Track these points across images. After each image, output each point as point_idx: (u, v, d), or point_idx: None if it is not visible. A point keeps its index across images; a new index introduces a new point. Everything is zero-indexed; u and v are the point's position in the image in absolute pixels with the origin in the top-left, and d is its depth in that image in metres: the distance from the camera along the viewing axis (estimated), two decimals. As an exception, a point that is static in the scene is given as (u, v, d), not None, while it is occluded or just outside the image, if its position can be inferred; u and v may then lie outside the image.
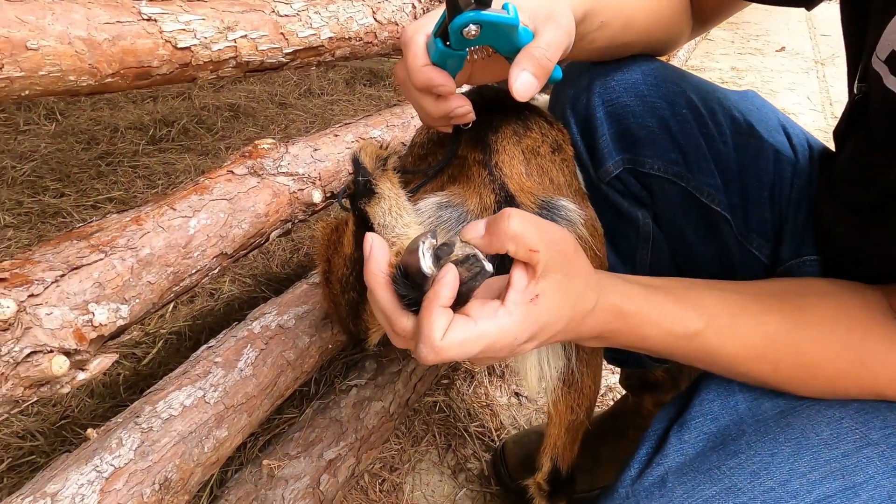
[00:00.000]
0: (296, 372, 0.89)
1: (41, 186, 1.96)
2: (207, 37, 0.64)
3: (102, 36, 0.53)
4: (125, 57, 0.56)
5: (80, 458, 0.65)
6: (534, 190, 0.67)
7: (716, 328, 0.59)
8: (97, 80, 0.54)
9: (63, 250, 0.59)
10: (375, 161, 0.64)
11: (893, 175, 0.58)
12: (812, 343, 0.58)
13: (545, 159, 0.73)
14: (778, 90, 3.77)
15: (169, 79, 0.62)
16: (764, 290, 0.64)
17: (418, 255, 0.44)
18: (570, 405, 0.80)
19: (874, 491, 0.51)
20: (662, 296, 0.59)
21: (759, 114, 0.82)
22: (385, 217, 0.59)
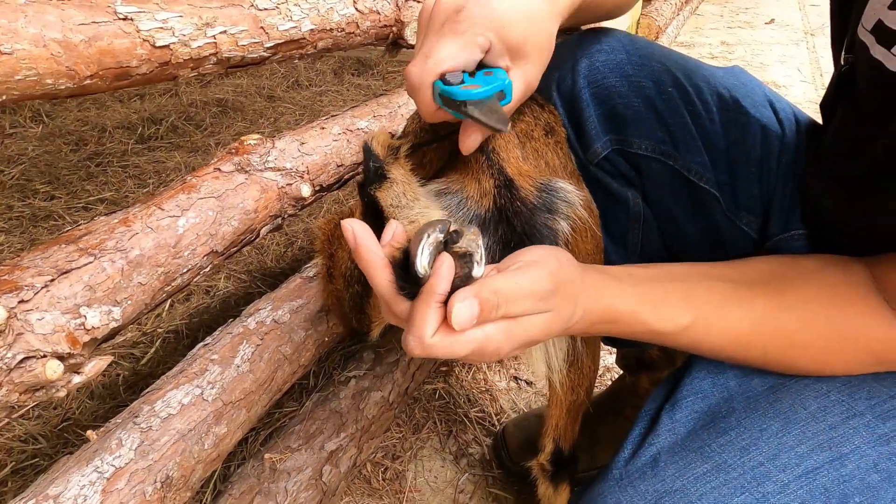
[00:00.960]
0: (293, 366, 0.89)
1: (31, 190, 1.95)
2: (186, 34, 0.63)
3: (78, 37, 0.53)
4: (103, 58, 0.55)
5: (81, 459, 0.66)
6: (531, 173, 0.67)
7: (704, 321, 0.59)
8: (76, 82, 0.54)
9: (52, 255, 0.59)
10: (387, 150, 0.63)
11: (880, 146, 0.58)
12: (798, 324, 0.59)
13: (539, 142, 0.72)
14: (768, 63, 3.76)
15: (149, 78, 0.62)
16: (750, 275, 0.65)
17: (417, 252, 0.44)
18: (570, 385, 0.81)
19: (860, 460, 0.51)
20: (653, 292, 0.59)
21: (746, 89, 0.82)
22: (399, 199, 0.59)
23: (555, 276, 0.50)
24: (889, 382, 0.58)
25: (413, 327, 0.45)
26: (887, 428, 0.54)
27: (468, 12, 0.53)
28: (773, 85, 3.35)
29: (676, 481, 0.55)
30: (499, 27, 0.54)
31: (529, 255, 0.53)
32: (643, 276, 0.61)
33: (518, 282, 0.48)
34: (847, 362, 0.59)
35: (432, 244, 0.44)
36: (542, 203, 0.62)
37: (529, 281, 0.48)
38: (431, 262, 0.44)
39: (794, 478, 0.52)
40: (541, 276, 0.49)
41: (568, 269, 0.53)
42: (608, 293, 0.57)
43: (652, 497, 0.55)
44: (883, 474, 0.51)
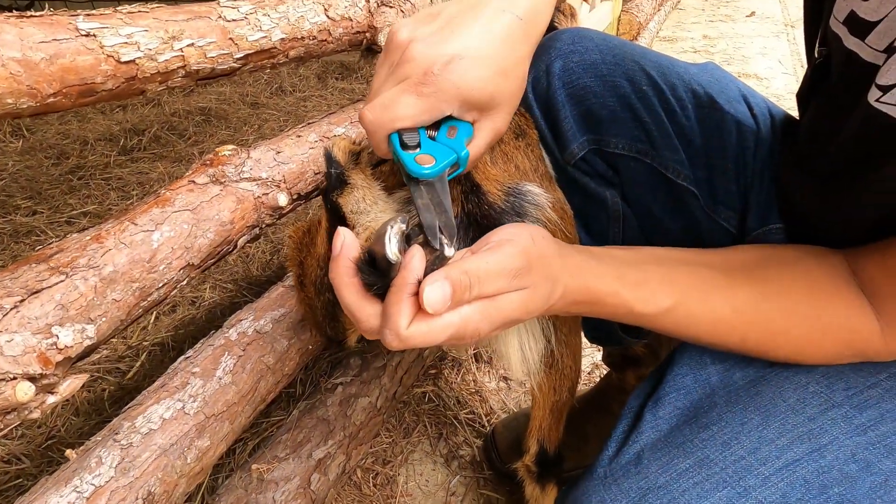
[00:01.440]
0: (276, 376, 0.89)
1: (12, 206, 1.94)
2: (152, 48, 0.62)
3: (39, 55, 0.52)
4: (66, 75, 0.55)
5: (60, 480, 0.65)
6: (499, 177, 0.67)
7: (685, 305, 0.59)
8: (38, 101, 0.53)
9: (21, 275, 0.58)
10: (348, 155, 0.63)
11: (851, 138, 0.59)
12: (777, 314, 0.59)
13: (509, 146, 0.73)
14: (750, 56, 3.78)
15: (116, 94, 0.61)
16: (732, 263, 0.65)
17: (384, 241, 0.44)
18: (552, 386, 0.81)
19: (839, 451, 0.52)
20: (635, 274, 0.59)
21: (720, 85, 0.82)
22: (358, 204, 0.59)
23: (527, 252, 0.50)
24: (866, 373, 0.58)
25: (388, 321, 0.45)
26: (864, 418, 0.54)
27: (436, 79, 0.52)
28: (755, 77, 3.37)
29: (660, 478, 0.55)
30: (466, 97, 0.53)
31: (502, 233, 0.53)
32: (625, 257, 0.61)
33: (489, 260, 0.47)
34: (825, 352, 0.59)
35: (398, 233, 0.44)
36: (509, 207, 0.62)
37: (501, 259, 0.48)
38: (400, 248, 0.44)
39: (775, 470, 0.52)
40: (512, 254, 0.49)
41: (543, 245, 0.53)
42: (589, 273, 0.56)
43: (636, 494, 0.55)
44: (861, 464, 0.51)
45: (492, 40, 0.54)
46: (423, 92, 0.52)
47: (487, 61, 0.54)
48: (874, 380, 0.57)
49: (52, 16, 0.56)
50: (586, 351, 1.51)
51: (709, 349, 0.66)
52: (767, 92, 3.19)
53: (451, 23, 0.54)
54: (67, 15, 0.57)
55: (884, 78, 0.49)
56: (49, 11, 0.57)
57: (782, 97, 3.10)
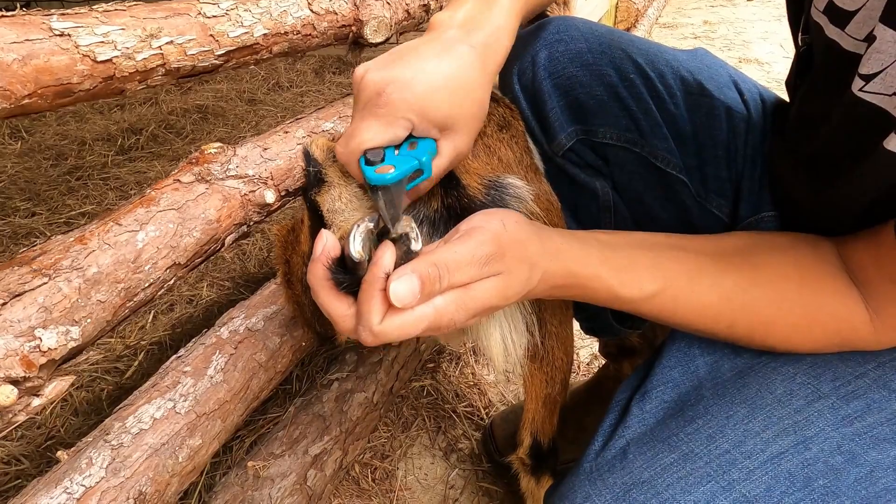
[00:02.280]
0: (269, 373, 0.89)
1: (11, 207, 1.94)
2: (129, 47, 0.62)
3: (11, 56, 0.52)
4: (40, 76, 0.54)
5: (50, 481, 0.65)
6: (480, 170, 0.67)
7: (672, 291, 0.59)
8: (12, 102, 0.53)
9: (3, 278, 0.58)
10: (326, 153, 0.63)
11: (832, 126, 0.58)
12: (766, 301, 0.58)
13: (492, 138, 0.72)
14: (751, 40, 3.74)
15: (94, 94, 0.61)
16: (722, 249, 0.64)
17: (349, 240, 0.44)
18: (543, 379, 0.81)
19: (824, 443, 0.51)
20: (619, 258, 0.58)
21: (710, 72, 0.81)
22: (334, 203, 0.59)
23: (498, 237, 0.50)
24: (854, 363, 0.57)
25: (361, 318, 0.45)
26: (851, 409, 0.54)
27: (388, 97, 0.52)
28: (756, 62, 3.33)
29: (644, 472, 0.55)
30: (420, 110, 0.53)
31: (472, 221, 0.52)
32: (611, 241, 0.61)
33: (458, 250, 0.47)
34: (814, 341, 0.58)
35: (362, 232, 0.45)
36: (490, 200, 0.61)
37: (471, 246, 0.48)
38: (365, 247, 0.45)
39: (760, 464, 0.52)
40: (482, 241, 0.49)
41: (515, 229, 0.52)
42: (570, 256, 0.56)
43: (620, 489, 0.55)
44: (846, 455, 0.50)
45: (445, 66, 0.55)
46: (378, 113, 0.53)
47: (440, 81, 0.54)
48: (862, 370, 0.56)
49: (25, 15, 0.55)
50: (586, 341, 1.50)
51: (697, 341, 0.65)
52: (768, 77, 3.16)
53: (404, 53, 0.55)
54: (41, 14, 0.56)
55: (865, 67, 0.49)
56: (22, 11, 0.56)
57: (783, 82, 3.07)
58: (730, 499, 0.51)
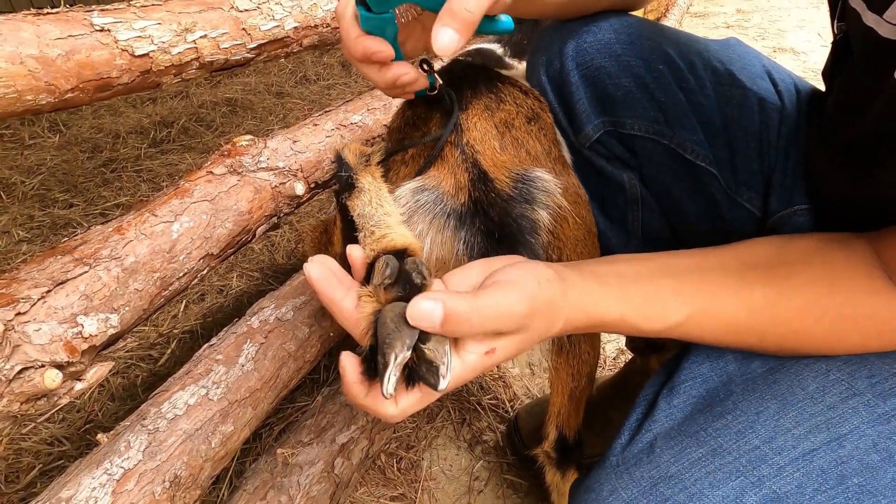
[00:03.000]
0: (298, 362, 0.90)
1: (50, 199, 2.00)
2: (165, 41, 0.63)
3: (55, 52, 0.54)
4: (82, 70, 0.56)
5: (92, 462, 0.67)
6: (508, 164, 0.67)
7: (696, 317, 0.58)
8: (56, 96, 0.55)
9: (48, 266, 0.61)
10: (359, 157, 0.64)
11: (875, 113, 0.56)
12: (797, 311, 0.57)
13: (520, 131, 0.72)
14: (786, 29, 3.63)
15: (131, 87, 0.62)
16: (748, 261, 0.63)
17: (384, 378, 0.43)
18: (570, 373, 0.81)
19: (859, 441, 0.50)
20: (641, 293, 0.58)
21: (742, 62, 0.79)
22: (365, 208, 0.60)
23: (533, 299, 0.49)
24: (891, 359, 0.56)
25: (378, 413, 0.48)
26: (888, 406, 0.52)
27: None
28: (791, 52, 3.24)
29: (671, 467, 0.54)
30: None
31: (507, 273, 0.51)
32: (633, 273, 0.60)
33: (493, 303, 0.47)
34: (850, 343, 0.57)
35: (399, 366, 0.44)
36: (518, 194, 0.61)
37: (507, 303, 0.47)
38: (397, 384, 0.44)
39: (791, 460, 0.51)
40: (517, 301, 0.48)
41: (549, 291, 0.52)
42: (591, 301, 0.55)
43: (647, 483, 0.55)
44: (883, 454, 0.49)
45: None
46: None
47: None
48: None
49: (68, 12, 0.57)
50: (611, 336, 1.49)
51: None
52: (804, 67, 3.06)
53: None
54: (82, 11, 0.58)
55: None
56: (66, 8, 0.58)
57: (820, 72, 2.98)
58: (759, 495, 0.50)
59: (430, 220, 0.63)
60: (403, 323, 0.44)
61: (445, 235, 0.62)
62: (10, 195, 2.04)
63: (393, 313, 0.45)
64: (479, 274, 0.53)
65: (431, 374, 0.45)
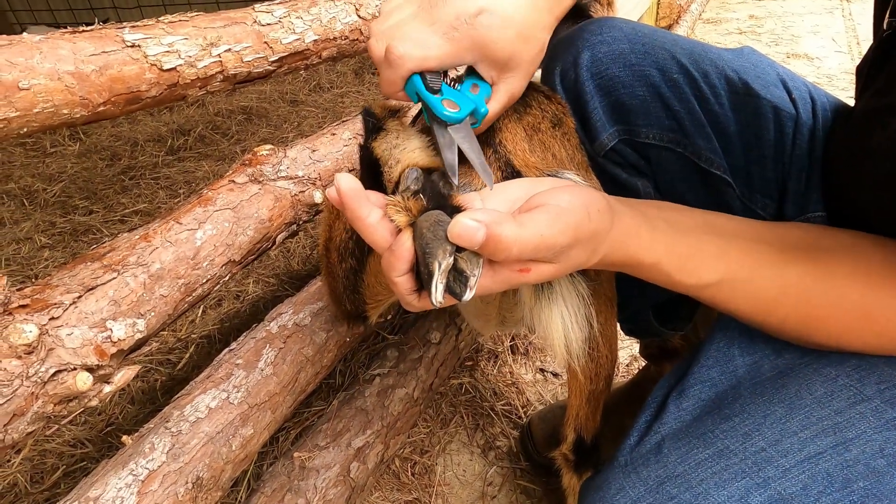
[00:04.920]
0: (315, 367, 0.92)
1: (71, 206, 2.05)
2: (192, 55, 0.66)
3: (90, 68, 0.56)
4: (114, 85, 0.58)
5: (118, 463, 0.69)
6: (538, 165, 0.68)
7: (731, 282, 0.58)
8: (90, 110, 0.57)
9: (78, 273, 0.63)
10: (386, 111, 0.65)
11: None
12: (825, 298, 0.57)
13: (546, 135, 0.73)
14: (800, 35, 3.62)
15: (159, 100, 0.65)
16: (788, 239, 0.62)
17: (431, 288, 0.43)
18: (588, 375, 0.81)
19: (865, 445, 0.51)
20: (685, 245, 0.58)
21: (756, 70, 0.80)
22: (391, 142, 0.59)
23: (578, 229, 0.48)
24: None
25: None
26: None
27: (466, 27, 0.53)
28: (805, 58, 3.23)
29: (678, 467, 0.55)
30: (488, 50, 0.55)
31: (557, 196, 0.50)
32: (680, 222, 0.60)
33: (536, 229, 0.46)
34: (865, 342, 0.57)
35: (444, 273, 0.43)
36: None
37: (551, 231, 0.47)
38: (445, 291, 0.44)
39: (796, 463, 0.52)
40: (562, 229, 0.47)
41: (598, 221, 0.51)
42: (635, 243, 0.55)
43: (654, 482, 0.55)
44: (889, 459, 0.50)
45: (519, 2, 0.55)
46: (452, 36, 0.53)
47: (512, 21, 0.55)
48: None
49: (102, 29, 0.59)
50: (625, 343, 1.49)
51: (737, 341, 0.65)
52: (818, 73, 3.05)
53: None
54: (115, 28, 0.60)
55: None
56: (99, 25, 0.60)
57: (835, 77, 2.96)
58: (764, 496, 0.50)
59: None
60: (441, 229, 0.44)
61: None
62: (33, 202, 2.09)
63: (428, 222, 0.44)
64: (522, 191, 0.53)
65: (459, 284, 0.44)
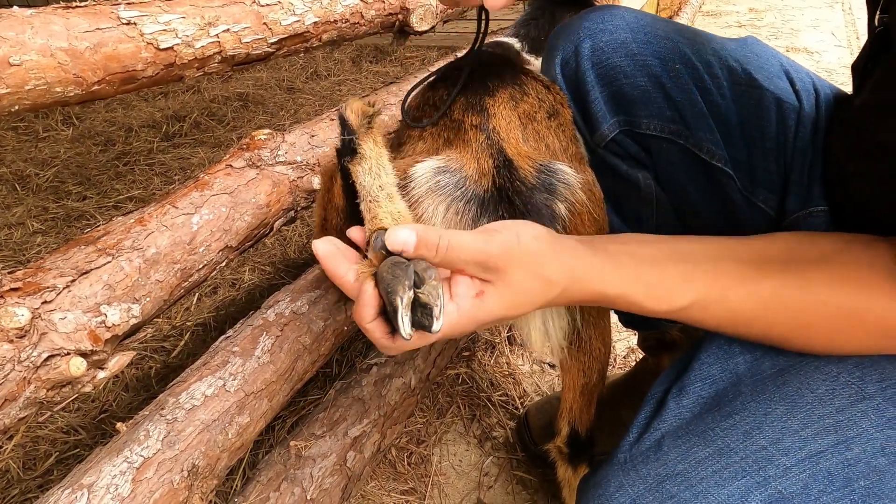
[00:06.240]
0: (313, 355, 0.91)
1: (64, 191, 2.02)
2: (189, 35, 0.64)
3: (84, 45, 0.54)
4: (109, 63, 0.57)
5: (112, 450, 0.68)
6: (531, 154, 0.67)
7: (702, 302, 0.58)
8: (84, 88, 0.56)
9: (72, 256, 0.61)
10: (361, 118, 0.64)
11: None
12: (807, 306, 0.57)
13: (541, 125, 0.72)
14: (799, 28, 3.61)
15: (155, 80, 0.63)
16: (765, 252, 0.62)
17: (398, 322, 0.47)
18: (581, 369, 0.81)
19: (866, 444, 0.50)
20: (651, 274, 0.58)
21: (759, 61, 0.79)
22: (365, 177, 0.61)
23: (506, 249, 0.51)
24: None
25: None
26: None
27: None
28: (805, 51, 3.22)
29: (678, 465, 0.55)
30: None
31: (493, 224, 0.54)
32: (645, 255, 0.60)
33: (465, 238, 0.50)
34: (859, 342, 0.57)
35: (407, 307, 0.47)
36: (540, 183, 0.62)
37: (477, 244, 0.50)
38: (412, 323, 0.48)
39: (797, 461, 0.51)
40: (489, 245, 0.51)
41: (529, 244, 0.53)
42: (598, 278, 0.56)
43: (653, 480, 0.55)
44: (890, 458, 0.49)
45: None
46: None
47: None
48: None
49: (96, 5, 0.58)
50: (623, 335, 1.49)
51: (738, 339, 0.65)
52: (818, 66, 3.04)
53: None
54: (110, 4, 0.58)
55: None
56: (93, 1, 0.59)
57: (834, 71, 2.95)
58: (764, 495, 0.50)
59: (447, 204, 0.64)
60: (399, 269, 0.48)
61: (465, 221, 0.63)
62: (25, 187, 2.06)
63: (387, 266, 0.49)
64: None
65: (426, 318, 0.48)
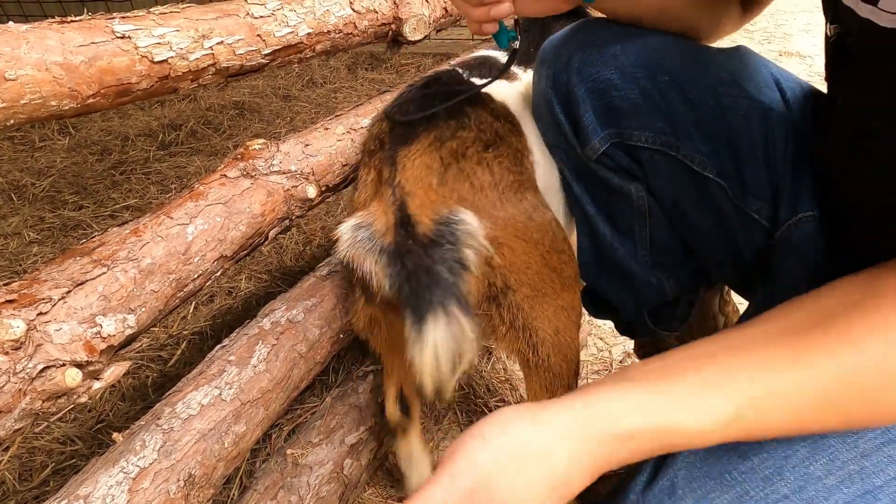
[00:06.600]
0: (309, 364, 0.91)
1: (60, 201, 2.02)
2: (183, 47, 0.65)
3: (79, 59, 0.55)
4: (104, 77, 0.57)
5: (108, 460, 0.69)
6: (438, 203, 0.68)
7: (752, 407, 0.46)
8: (79, 102, 0.56)
9: (67, 267, 0.62)
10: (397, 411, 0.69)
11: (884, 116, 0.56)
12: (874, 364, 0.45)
13: (470, 161, 0.72)
14: (792, 33, 3.64)
15: (150, 93, 0.64)
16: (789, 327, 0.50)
17: None
18: (541, 385, 0.80)
19: (894, 494, 0.47)
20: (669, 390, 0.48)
21: (748, 71, 0.80)
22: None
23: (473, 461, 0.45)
24: None
25: None
26: None
27: None
28: (797, 56, 3.24)
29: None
30: None
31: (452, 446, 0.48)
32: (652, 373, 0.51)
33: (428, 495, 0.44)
34: None
35: None
36: (439, 236, 0.64)
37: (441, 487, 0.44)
38: None
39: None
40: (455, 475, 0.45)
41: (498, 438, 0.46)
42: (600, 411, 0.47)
43: None
44: None
45: None
46: None
47: None
48: None
49: (91, 19, 0.58)
50: (619, 339, 1.49)
51: None
52: (811, 70, 3.07)
53: None
54: (104, 18, 0.59)
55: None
56: (88, 15, 0.59)
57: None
58: None
59: (365, 255, 0.67)
60: None
61: (378, 269, 0.66)
62: (21, 197, 2.06)
63: None
64: None
65: None
